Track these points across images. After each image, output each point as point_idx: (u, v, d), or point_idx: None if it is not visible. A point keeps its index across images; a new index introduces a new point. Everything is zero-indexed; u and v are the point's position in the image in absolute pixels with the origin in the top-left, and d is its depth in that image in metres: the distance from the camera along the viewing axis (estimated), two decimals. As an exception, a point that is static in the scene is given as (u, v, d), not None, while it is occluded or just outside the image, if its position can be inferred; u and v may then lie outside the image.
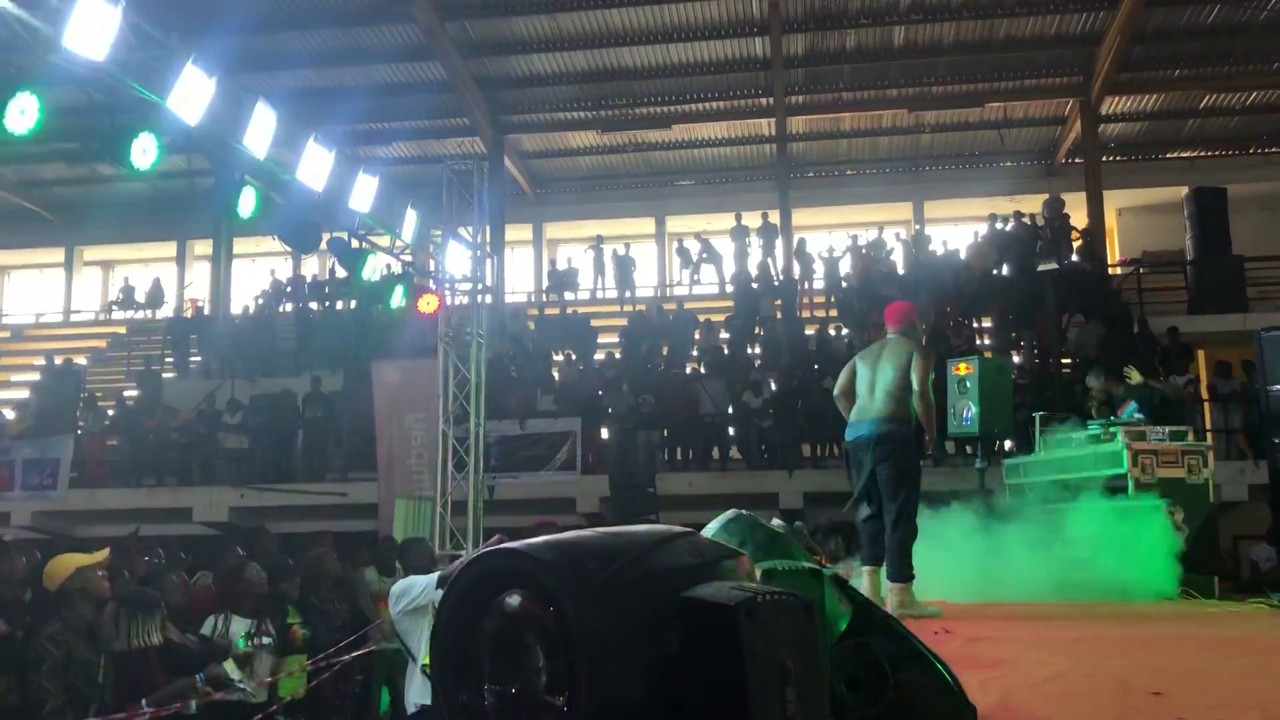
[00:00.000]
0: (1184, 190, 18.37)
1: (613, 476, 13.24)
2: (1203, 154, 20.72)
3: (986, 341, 16.75)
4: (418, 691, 5.71)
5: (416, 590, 5.71)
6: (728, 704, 1.69)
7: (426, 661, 5.48)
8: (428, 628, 5.42)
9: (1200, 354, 16.32)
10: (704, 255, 21.08)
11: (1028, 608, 6.03)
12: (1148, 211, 20.86)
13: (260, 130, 8.02)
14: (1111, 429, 8.01)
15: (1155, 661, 4.19)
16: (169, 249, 24.10)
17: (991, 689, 3.63)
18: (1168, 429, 7.94)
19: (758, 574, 2.15)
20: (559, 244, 23.62)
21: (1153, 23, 17.40)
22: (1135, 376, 9.69)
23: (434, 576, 5.88)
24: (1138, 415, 8.47)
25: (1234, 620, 5.75)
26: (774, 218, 19.73)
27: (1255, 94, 19.26)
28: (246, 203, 8.32)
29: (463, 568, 1.99)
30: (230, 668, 5.84)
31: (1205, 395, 14.98)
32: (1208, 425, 14.28)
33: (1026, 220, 18.49)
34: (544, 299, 21.71)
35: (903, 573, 5.87)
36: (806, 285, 19.57)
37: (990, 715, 3.13)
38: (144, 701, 5.03)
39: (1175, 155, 20.85)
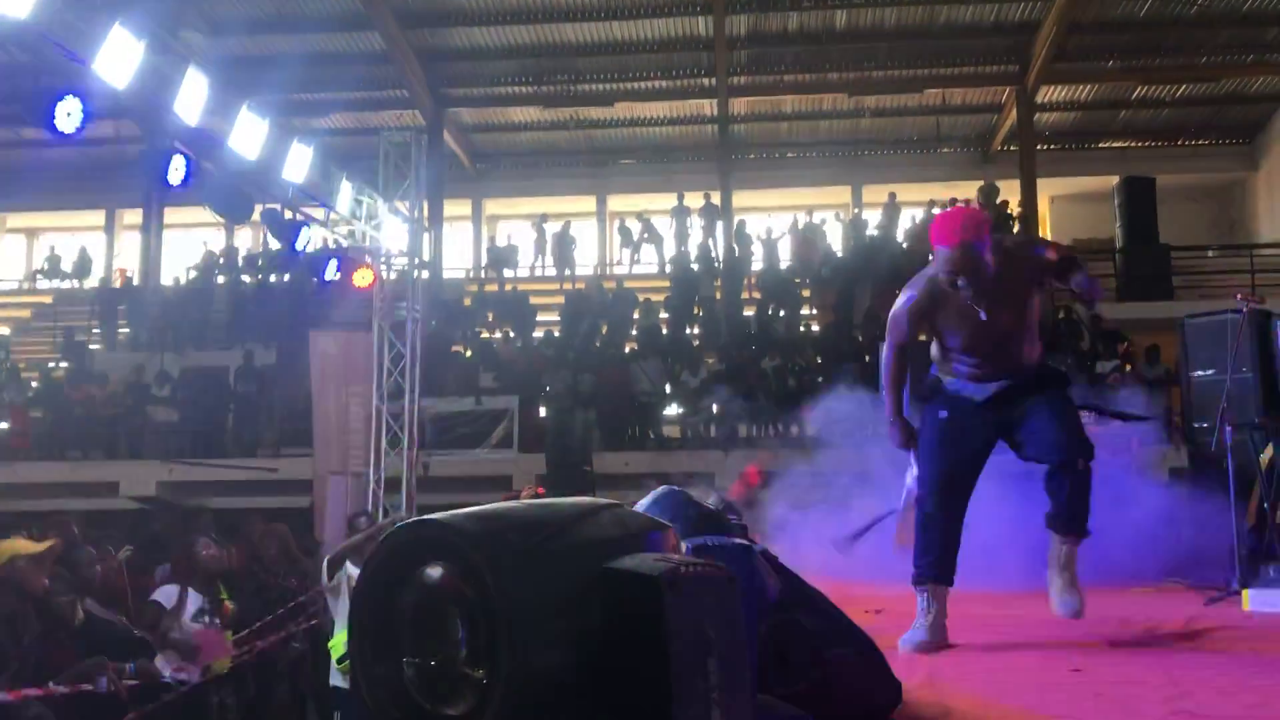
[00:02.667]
0: (1115, 180, 18.72)
1: (549, 455, 13.21)
2: (1133, 144, 21.11)
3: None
4: None
5: None
6: (650, 675, 1.68)
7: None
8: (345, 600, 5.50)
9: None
10: (645, 235, 21.05)
11: (958, 591, 6.12)
12: (1079, 200, 21.21)
13: (192, 96, 7.84)
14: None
15: (1076, 640, 4.29)
16: (97, 217, 23.43)
17: (917, 667, 3.70)
18: (1093, 414, 8.09)
19: (684, 548, 2.15)
20: (499, 220, 23.41)
21: (1089, 13, 17.64)
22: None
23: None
24: None
25: (1152, 601, 5.91)
26: (716, 199, 19.74)
27: (1184, 87, 19.65)
28: (176, 171, 8.12)
29: (383, 539, 1.96)
30: (169, 660, 5.71)
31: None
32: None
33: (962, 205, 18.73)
34: (483, 275, 21.54)
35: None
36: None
37: (915, 692, 3.17)
38: (50, 684, 4.90)
39: (1107, 145, 21.21)
